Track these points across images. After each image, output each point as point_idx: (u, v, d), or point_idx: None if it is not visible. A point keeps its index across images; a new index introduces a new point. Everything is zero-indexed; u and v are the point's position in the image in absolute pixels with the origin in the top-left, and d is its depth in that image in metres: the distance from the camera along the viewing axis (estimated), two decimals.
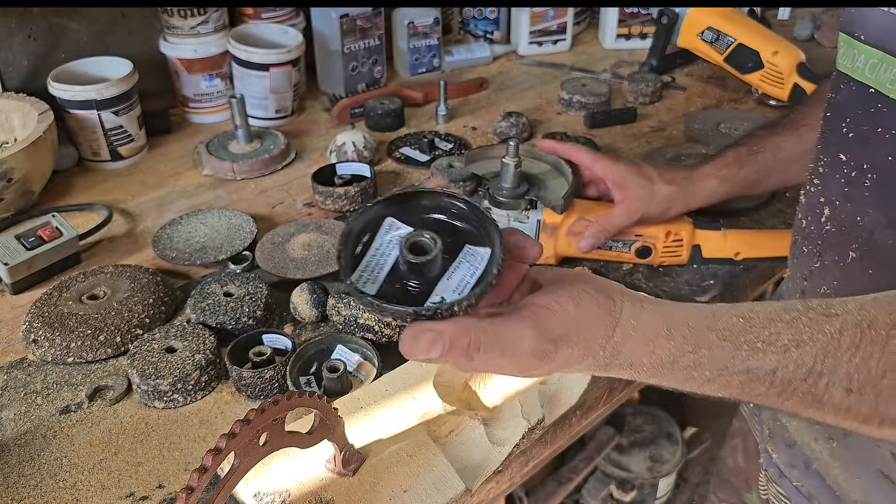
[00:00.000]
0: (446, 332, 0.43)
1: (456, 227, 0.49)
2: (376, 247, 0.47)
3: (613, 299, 0.47)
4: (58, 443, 0.72)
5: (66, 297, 0.86)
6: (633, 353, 0.46)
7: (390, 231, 0.48)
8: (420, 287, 0.46)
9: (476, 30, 1.62)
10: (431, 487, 0.64)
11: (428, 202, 0.49)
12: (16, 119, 1.10)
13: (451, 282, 0.46)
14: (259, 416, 0.53)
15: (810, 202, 0.68)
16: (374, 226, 0.48)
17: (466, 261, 0.47)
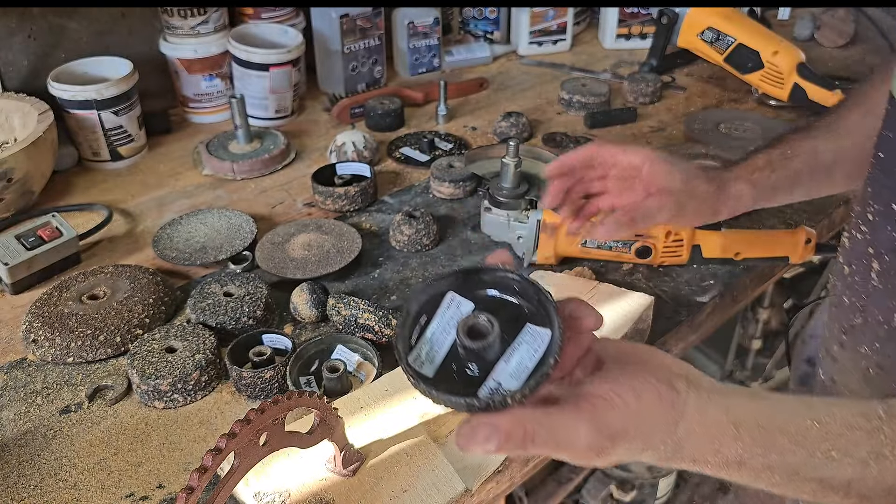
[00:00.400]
0: (502, 426, 0.41)
1: (515, 304, 0.48)
2: (435, 325, 0.47)
3: (678, 390, 0.44)
4: (58, 443, 0.72)
5: (66, 297, 0.86)
6: (696, 451, 0.44)
7: (451, 307, 0.47)
8: (478, 369, 0.45)
9: (476, 30, 1.62)
10: (431, 487, 0.64)
11: (488, 278, 0.48)
12: (16, 119, 1.10)
13: (510, 365, 0.44)
14: (259, 416, 0.53)
15: (856, 250, 0.62)
16: (433, 303, 0.48)
17: (526, 342, 0.45)
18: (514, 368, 0.44)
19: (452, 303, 0.47)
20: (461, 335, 0.44)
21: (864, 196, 0.61)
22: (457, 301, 0.47)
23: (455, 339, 0.45)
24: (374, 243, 1.01)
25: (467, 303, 0.47)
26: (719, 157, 1.15)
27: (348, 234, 0.98)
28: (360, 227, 1.03)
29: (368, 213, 1.07)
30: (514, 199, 0.90)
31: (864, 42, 1.62)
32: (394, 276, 0.94)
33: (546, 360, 0.44)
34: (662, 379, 0.44)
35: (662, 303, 0.89)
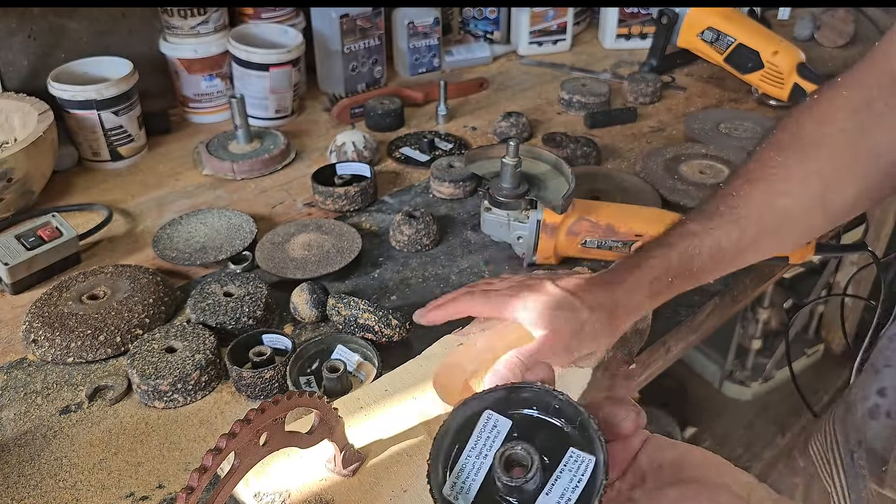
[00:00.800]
0: None
1: (554, 425, 0.45)
2: (470, 450, 0.44)
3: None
4: (58, 443, 0.72)
5: (66, 297, 0.86)
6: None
7: (487, 426, 0.44)
8: (517, 502, 0.42)
9: (476, 30, 1.62)
10: None
11: (526, 395, 0.45)
12: (16, 119, 1.10)
13: (551, 497, 0.42)
14: (259, 416, 0.53)
15: None
16: (469, 423, 0.45)
17: (568, 469, 0.42)
18: (557, 500, 0.42)
19: (489, 421, 0.44)
20: (498, 470, 0.42)
21: None
22: (493, 419, 0.44)
23: (491, 467, 0.43)
24: (374, 243, 1.01)
25: (505, 421, 0.44)
26: (719, 157, 1.15)
27: (348, 234, 0.98)
28: (360, 227, 1.03)
29: (368, 213, 1.07)
30: (514, 199, 0.90)
31: (863, 42, 1.62)
32: (394, 276, 0.94)
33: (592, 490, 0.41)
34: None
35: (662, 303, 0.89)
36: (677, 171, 1.11)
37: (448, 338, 0.80)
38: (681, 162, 1.14)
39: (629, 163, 1.19)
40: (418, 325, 0.77)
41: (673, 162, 1.14)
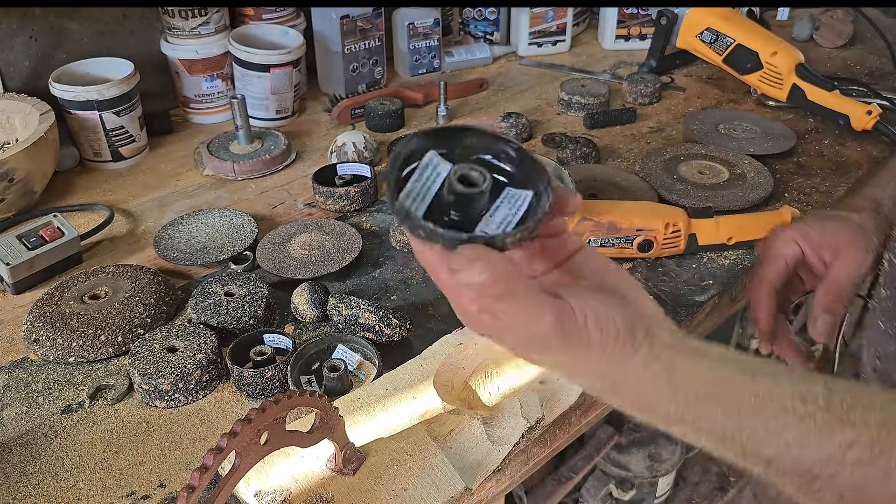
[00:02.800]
0: (498, 265, 0.41)
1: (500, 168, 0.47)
2: (420, 174, 0.45)
3: (634, 338, 0.44)
4: (59, 442, 0.72)
5: (67, 296, 0.87)
6: (628, 399, 0.45)
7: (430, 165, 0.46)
8: (461, 221, 0.45)
9: (476, 31, 1.63)
10: (431, 486, 0.65)
11: (474, 141, 0.47)
12: (17, 119, 1.10)
13: (494, 219, 0.44)
14: (260, 416, 0.53)
15: (893, 276, 0.61)
16: (417, 157, 0.46)
17: (508, 201, 0.45)
18: (499, 223, 0.44)
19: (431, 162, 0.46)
20: (453, 181, 0.44)
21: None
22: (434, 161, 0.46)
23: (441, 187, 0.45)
24: (375, 243, 1.01)
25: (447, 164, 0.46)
26: (718, 157, 1.15)
27: (349, 235, 0.99)
28: (361, 227, 1.04)
29: (369, 214, 1.07)
30: None
31: (862, 43, 1.63)
32: (394, 276, 0.95)
33: (537, 210, 0.44)
34: (627, 322, 0.44)
35: (661, 302, 0.89)
36: (676, 172, 1.12)
37: (448, 337, 0.80)
38: (680, 162, 1.14)
39: (629, 163, 1.20)
40: (418, 324, 0.78)
41: (672, 162, 1.14)
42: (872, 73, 1.50)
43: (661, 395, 0.43)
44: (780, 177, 1.14)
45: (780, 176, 1.14)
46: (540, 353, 0.45)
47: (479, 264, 0.41)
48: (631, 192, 1.06)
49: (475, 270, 0.41)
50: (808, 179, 1.15)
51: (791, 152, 1.20)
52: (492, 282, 0.41)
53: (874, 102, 1.24)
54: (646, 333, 0.44)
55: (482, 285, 0.41)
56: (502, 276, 0.41)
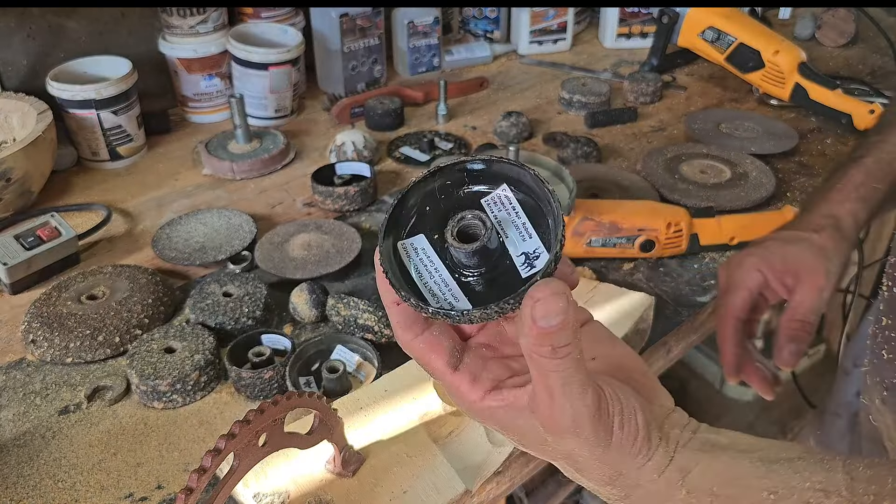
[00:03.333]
0: (567, 294, 0.36)
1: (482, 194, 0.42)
2: (417, 269, 0.41)
3: (650, 444, 0.40)
4: (57, 443, 0.72)
5: (65, 297, 0.86)
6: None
7: (415, 251, 0.41)
8: (486, 267, 0.40)
9: (476, 29, 1.62)
10: (431, 488, 0.64)
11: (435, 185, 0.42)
12: (15, 119, 1.10)
13: (522, 246, 0.39)
14: (258, 417, 0.53)
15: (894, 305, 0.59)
16: (390, 254, 0.41)
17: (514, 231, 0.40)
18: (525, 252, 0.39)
19: (414, 244, 0.41)
20: (454, 247, 0.39)
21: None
22: (415, 243, 0.41)
23: (448, 256, 0.40)
24: (374, 243, 1.00)
25: (422, 239, 0.41)
26: (720, 157, 1.15)
27: (348, 234, 0.98)
28: (360, 226, 1.03)
29: (368, 213, 1.07)
30: None
31: (865, 41, 1.62)
32: None
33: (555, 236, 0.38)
34: (645, 423, 0.40)
35: (663, 303, 0.89)
36: (678, 171, 1.11)
37: None
38: (681, 162, 1.14)
39: (630, 163, 1.19)
40: None
41: (673, 161, 1.14)
42: (875, 71, 1.50)
43: (676, 501, 0.41)
44: (782, 176, 1.13)
45: (782, 175, 1.14)
46: (561, 437, 0.39)
47: (559, 303, 0.36)
48: (632, 192, 1.06)
49: (559, 308, 0.36)
50: (810, 179, 1.14)
51: (793, 151, 1.20)
52: (560, 328, 0.36)
53: (876, 101, 1.23)
54: (661, 436, 0.41)
55: (554, 327, 0.36)
56: (572, 322, 0.36)
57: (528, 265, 0.39)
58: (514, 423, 0.40)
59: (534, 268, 0.39)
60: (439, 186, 0.42)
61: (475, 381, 0.40)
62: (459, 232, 0.39)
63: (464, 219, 0.39)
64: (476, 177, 0.41)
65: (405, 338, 0.41)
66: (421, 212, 0.42)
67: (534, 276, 0.37)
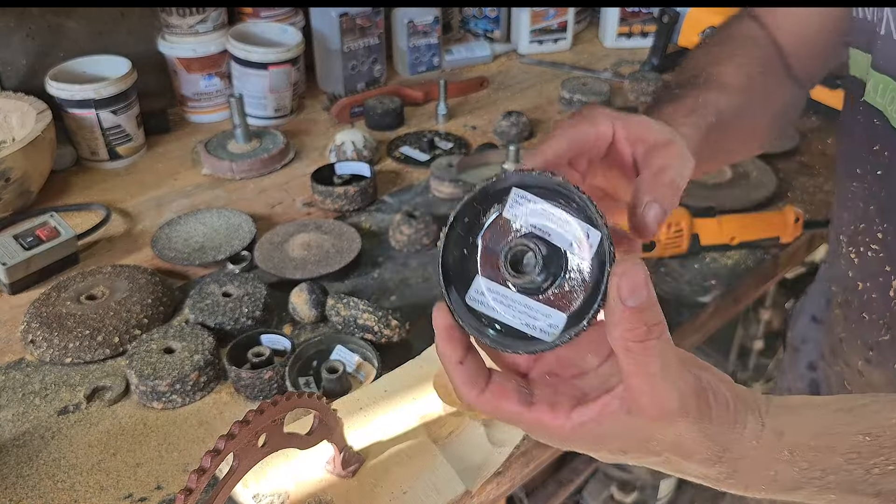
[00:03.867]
0: (652, 288, 0.35)
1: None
2: (494, 303, 0.40)
3: (737, 406, 0.40)
4: (56, 444, 0.72)
5: (64, 297, 0.86)
6: (751, 477, 0.41)
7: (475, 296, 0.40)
8: (557, 271, 0.39)
9: (476, 29, 1.62)
10: (431, 489, 0.64)
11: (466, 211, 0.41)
12: (14, 118, 1.09)
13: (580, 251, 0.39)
14: (258, 417, 0.53)
15: (868, 269, 0.60)
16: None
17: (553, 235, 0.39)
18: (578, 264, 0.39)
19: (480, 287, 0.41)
20: (509, 274, 0.38)
21: (870, 215, 0.59)
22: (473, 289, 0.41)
23: (507, 288, 0.40)
24: (374, 243, 1.00)
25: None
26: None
27: (348, 234, 0.98)
28: (360, 226, 1.03)
29: (368, 213, 1.07)
30: None
31: None
32: (393, 276, 0.94)
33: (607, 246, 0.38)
34: (731, 393, 0.40)
35: (664, 303, 0.87)
36: None
37: None
38: None
39: None
40: (418, 325, 0.77)
41: None
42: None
43: (780, 463, 0.40)
44: (783, 176, 1.13)
45: (783, 175, 1.14)
46: (671, 423, 0.38)
47: (641, 275, 0.35)
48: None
49: (640, 282, 0.35)
50: (811, 178, 1.14)
51: (794, 151, 1.20)
52: (649, 303, 0.35)
53: None
54: (744, 403, 0.41)
55: (644, 303, 0.35)
56: (657, 304, 0.36)
57: (586, 248, 0.38)
58: (611, 431, 0.39)
59: (591, 247, 0.38)
60: (463, 230, 0.41)
61: (554, 408, 0.39)
62: (512, 264, 0.39)
63: (509, 251, 0.39)
64: (485, 200, 0.41)
65: (472, 395, 0.41)
66: (464, 258, 0.41)
67: (597, 260, 0.37)
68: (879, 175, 0.58)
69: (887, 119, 0.56)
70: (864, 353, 0.65)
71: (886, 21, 0.54)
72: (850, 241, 0.63)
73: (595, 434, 0.39)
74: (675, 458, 0.40)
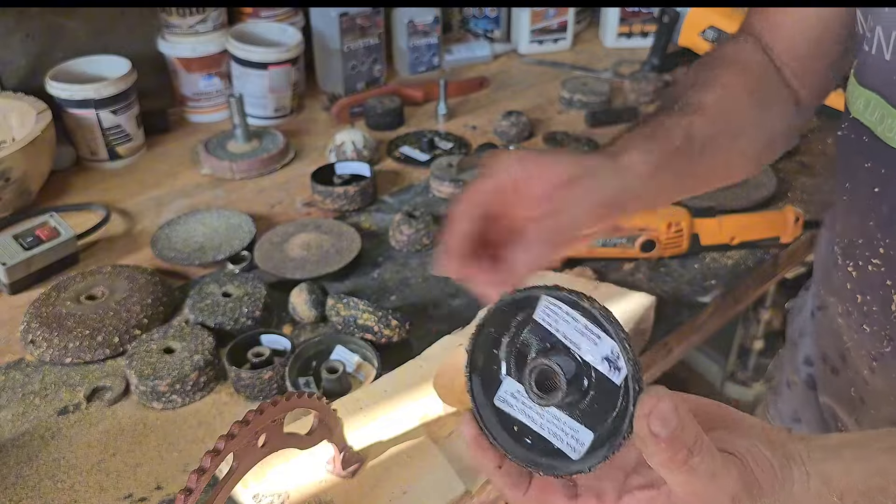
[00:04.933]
0: (681, 405, 0.36)
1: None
2: (521, 408, 0.41)
3: (781, 463, 0.40)
4: (56, 444, 0.72)
5: (63, 297, 0.86)
6: None
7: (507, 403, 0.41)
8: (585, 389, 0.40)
9: (476, 28, 1.62)
10: (431, 489, 0.64)
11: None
12: (14, 118, 1.09)
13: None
14: (258, 417, 0.52)
15: (869, 282, 0.60)
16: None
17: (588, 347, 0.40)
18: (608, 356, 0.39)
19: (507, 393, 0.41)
20: (534, 395, 0.39)
21: (871, 229, 0.59)
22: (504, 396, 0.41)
23: (532, 404, 0.40)
24: (374, 243, 1.00)
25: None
26: None
27: (347, 234, 0.98)
28: (360, 226, 1.03)
29: (368, 213, 1.07)
30: None
31: None
32: (393, 276, 0.94)
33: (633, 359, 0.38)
34: (773, 453, 0.40)
35: (664, 303, 0.88)
36: None
37: (448, 338, 0.79)
38: None
39: None
40: (418, 325, 0.77)
41: None
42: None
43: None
44: (783, 176, 1.13)
45: (783, 175, 1.13)
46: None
47: (668, 406, 0.35)
48: None
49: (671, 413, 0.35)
50: (811, 178, 1.14)
51: (794, 151, 1.19)
52: (682, 426, 0.35)
53: None
54: (786, 456, 0.41)
55: (674, 432, 0.35)
56: (684, 425, 0.35)
57: (613, 369, 0.38)
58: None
59: (619, 370, 0.38)
60: (494, 331, 0.42)
61: (601, 498, 0.40)
62: (537, 383, 0.39)
63: (534, 370, 0.39)
64: (516, 305, 0.41)
65: (517, 496, 0.41)
66: (493, 360, 0.42)
67: (625, 384, 0.37)
68: (877, 192, 0.57)
69: (875, 135, 0.56)
70: (868, 363, 0.65)
71: (877, 37, 0.53)
72: (846, 253, 0.63)
73: None
74: None
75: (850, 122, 0.59)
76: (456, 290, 0.91)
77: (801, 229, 0.98)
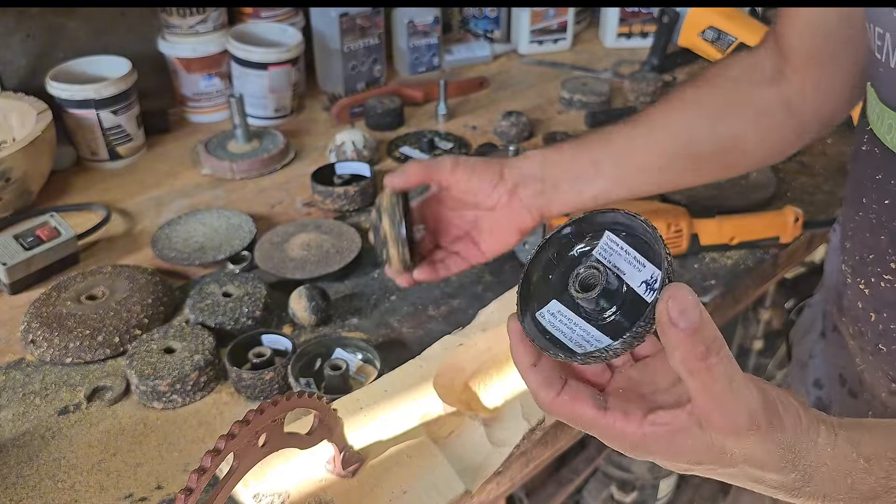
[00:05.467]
0: (704, 309, 0.36)
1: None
2: (559, 324, 0.43)
3: (809, 416, 0.41)
4: (56, 444, 0.72)
5: (64, 297, 0.86)
6: (827, 485, 0.41)
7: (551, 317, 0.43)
8: (619, 307, 0.42)
9: (476, 28, 1.62)
10: (431, 489, 0.64)
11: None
12: (14, 118, 1.09)
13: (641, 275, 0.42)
14: (258, 417, 0.53)
15: (884, 299, 0.60)
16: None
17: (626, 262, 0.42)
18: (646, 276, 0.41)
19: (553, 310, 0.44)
20: (579, 296, 0.41)
21: (882, 245, 0.59)
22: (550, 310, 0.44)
23: (577, 305, 0.42)
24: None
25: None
26: None
27: (348, 234, 0.98)
28: (360, 226, 1.03)
29: (368, 213, 1.07)
30: None
31: None
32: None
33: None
34: (800, 403, 0.40)
35: None
36: None
37: (448, 338, 0.79)
38: None
39: None
40: (418, 325, 0.77)
41: None
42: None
43: (857, 472, 0.41)
44: (782, 176, 1.13)
45: (782, 175, 1.14)
46: (744, 437, 0.39)
47: (691, 299, 0.35)
48: None
49: (690, 302, 0.35)
50: (811, 179, 1.14)
51: (794, 152, 1.19)
52: (702, 322, 0.36)
53: None
54: (815, 415, 0.41)
55: (697, 322, 0.35)
56: (710, 321, 0.36)
57: (650, 290, 0.41)
58: (684, 445, 0.40)
59: (654, 290, 0.40)
60: (553, 255, 0.45)
61: (628, 415, 0.40)
62: (581, 284, 0.42)
63: (580, 273, 0.42)
64: (578, 234, 0.45)
65: (548, 397, 0.42)
66: (545, 281, 0.45)
67: (655, 301, 0.39)
68: (887, 204, 0.58)
69: (887, 147, 0.56)
70: (886, 384, 0.64)
71: (886, 51, 0.53)
72: (856, 271, 0.63)
73: (667, 446, 0.40)
74: (751, 469, 0.41)
75: (865, 135, 0.59)
76: (456, 290, 0.91)
77: (801, 229, 0.98)
